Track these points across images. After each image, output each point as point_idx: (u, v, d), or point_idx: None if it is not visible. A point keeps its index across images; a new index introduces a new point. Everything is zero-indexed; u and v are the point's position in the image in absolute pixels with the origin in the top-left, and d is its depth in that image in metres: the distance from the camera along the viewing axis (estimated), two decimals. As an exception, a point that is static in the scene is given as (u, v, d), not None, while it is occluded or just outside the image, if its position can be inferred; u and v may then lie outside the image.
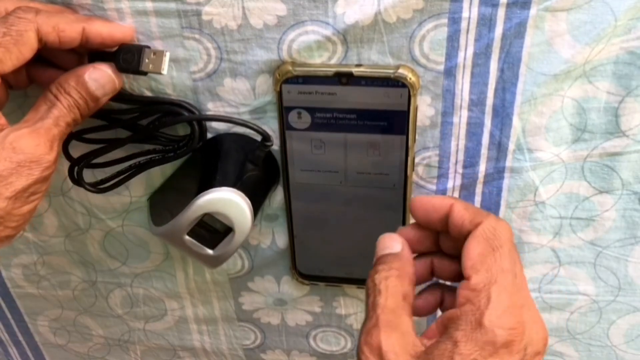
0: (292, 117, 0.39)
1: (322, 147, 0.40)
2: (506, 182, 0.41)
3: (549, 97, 0.37)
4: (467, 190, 0.42)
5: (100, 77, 0.35)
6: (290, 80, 0.37)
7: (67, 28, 0.34)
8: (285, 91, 0.38)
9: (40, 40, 0.33)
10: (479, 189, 0.42)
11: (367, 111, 0.38)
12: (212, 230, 0.38)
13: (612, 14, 0.34)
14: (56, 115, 0.34)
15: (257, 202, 0.41)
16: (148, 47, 0.36)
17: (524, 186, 0.41)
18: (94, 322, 0.56)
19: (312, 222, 0.44)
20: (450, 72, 0.37)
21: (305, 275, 0.47)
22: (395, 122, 0.38)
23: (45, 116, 0.33)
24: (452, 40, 0.36)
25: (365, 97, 0.38)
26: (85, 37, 0.35)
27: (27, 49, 0.32)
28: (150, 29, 0.37)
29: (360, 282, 0.46)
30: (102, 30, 0.35)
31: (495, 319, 0.29)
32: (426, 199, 0.35)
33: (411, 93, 0.37)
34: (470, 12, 0.35)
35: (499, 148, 0.40)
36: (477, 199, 0.42)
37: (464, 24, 0.35)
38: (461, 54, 0.36)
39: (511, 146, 0.39)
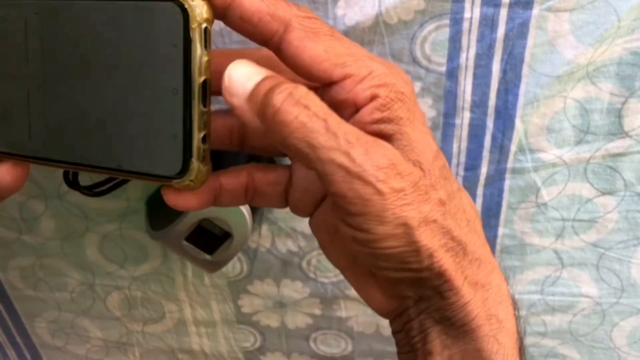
0: None
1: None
2: (507, 183, 0.41)
3: (552, 98, 0.37)
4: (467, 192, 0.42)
5: None
6: None
7: None
8: None
9: None
10: (480, 190, 0.41)
11: None
12: (211, 236, 0.38)
13: (615, 14, 0.34)
14: None
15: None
16: None
17: (525, 187, 0.41)
18: (92, 324, 0.55)
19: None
20: (452, 74, 0.37)
21: None
22: None
23: None
24: (454, 41, 0.35)
25: None
26: None
27: None
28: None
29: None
30: None
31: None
32: None
33: None
34: (472, 13, 0.34)
35: (500, 150, 0.39)
36: (479, 200, 0.42)
37: (465, 25, 0.35)
38: (463, 55, 0.36)
39: (513, 147, 0.39)
